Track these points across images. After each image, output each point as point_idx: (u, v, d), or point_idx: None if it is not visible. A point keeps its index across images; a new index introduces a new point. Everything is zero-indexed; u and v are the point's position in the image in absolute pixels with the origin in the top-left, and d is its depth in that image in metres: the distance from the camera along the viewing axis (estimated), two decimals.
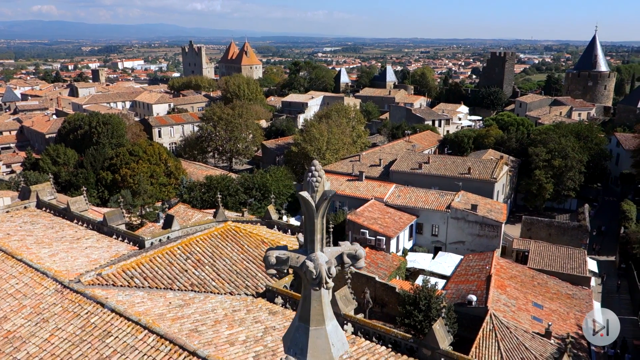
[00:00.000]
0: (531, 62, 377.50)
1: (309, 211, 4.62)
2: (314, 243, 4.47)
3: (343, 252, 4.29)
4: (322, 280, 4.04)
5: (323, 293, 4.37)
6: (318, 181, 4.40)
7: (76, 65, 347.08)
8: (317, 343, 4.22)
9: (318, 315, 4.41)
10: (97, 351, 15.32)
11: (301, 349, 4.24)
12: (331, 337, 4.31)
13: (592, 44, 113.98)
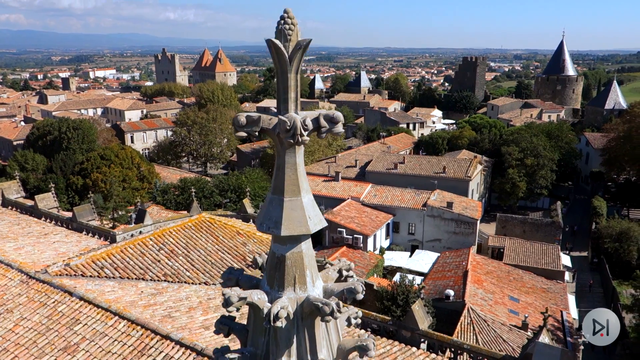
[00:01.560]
0: (501, 70, 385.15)
1: (281, 64, 4.16)
2: (288, 102, 4.09)
3: (320, 114, 3.98)
4: (296, 130, 3.71)
5: (298, 162, 4.04)
6: (291, 29, 4.03)
7: (45, 75, 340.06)
8: (292, 215, 3.90)
9: (293, 186, 4.08)
10: (64, 339, 14.64)
11: (275, 222, 3.93)
12: (307, 209, 4.01)
13: (559, 49, 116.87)
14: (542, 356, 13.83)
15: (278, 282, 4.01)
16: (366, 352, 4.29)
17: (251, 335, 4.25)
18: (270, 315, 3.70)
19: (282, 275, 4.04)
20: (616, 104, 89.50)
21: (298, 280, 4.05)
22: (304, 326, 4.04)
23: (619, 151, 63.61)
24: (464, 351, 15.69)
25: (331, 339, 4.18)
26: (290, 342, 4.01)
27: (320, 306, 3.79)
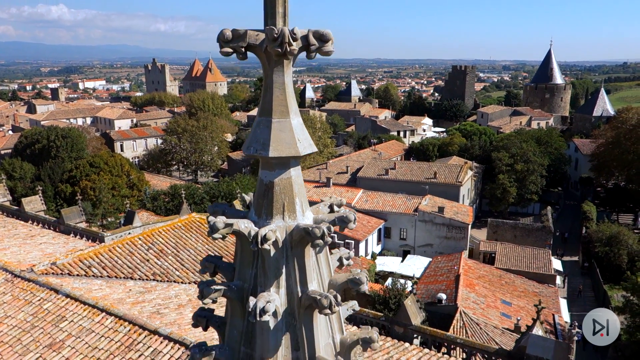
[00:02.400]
0: (490, 81, 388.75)
1: None
2: (275, 17, 3.63)
3: (309, 31, 3.81)
4: (284, 39, 3.52)
5: (287, 81, 3.85)
6: None
7: (34, 86, 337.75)
8: (280, 136, 3.72)
9: (281, 107, 3.89)
10: (49, 336, 14.27)
11: (262, 144, 3.74)
12: (297, 132, 3.83)
13: (547, 58, 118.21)
14: (536, 348, 13.69)
15: (266, 210, 3.85)
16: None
17: (238, 269, 4.08)
18: (258, 237, 3.53)
19: (271, 202, 3.88)
20: (604, 111, 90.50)
21: (287, 208, 3.89)
22: (294, 256, 3.87)
23: (607, 157, 64.16)
24: (457, 345, 15.52)
25: (322, 271, 4.02)
26: (279, 272, 3.85)
27: (310, 229, 3.63)
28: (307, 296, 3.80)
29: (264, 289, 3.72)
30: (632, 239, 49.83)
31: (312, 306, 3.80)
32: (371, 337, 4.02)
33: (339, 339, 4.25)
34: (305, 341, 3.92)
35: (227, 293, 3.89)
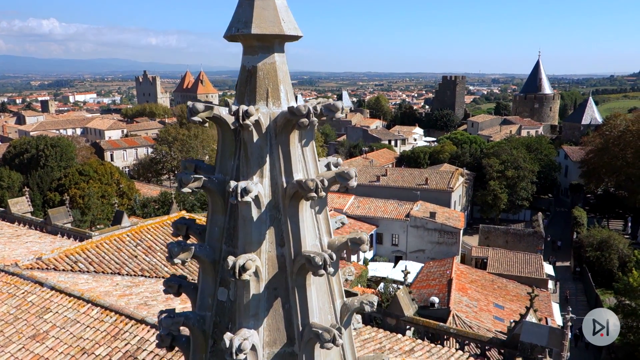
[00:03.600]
0: (480, 93, 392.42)
1: None
2: None
3: None
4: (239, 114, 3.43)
5: None
6: None
7: (24, 99, 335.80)
8: (263, 14, 3.51)
9: None
10: (33, 327, 13.90)
11: (245, 22, 3.55)
12: (281, 12, 3.61)
13: (536, 68, 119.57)
14: (530, 335, 13.53)
15: (248, 97, 3.67)
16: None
17: (219, 162, 3.90)
18: (239, 113, 3.34)
19: (254, 89, 3.71)
20: (592, 120, 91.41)
21: (271, 95, 3.72)
22: (278, 144, 3.69)
23: (597, 163, 64.59)
24: (450, 336, 15.32)
25: (307, 160, 3.84)
26: (263, 160, 3.67)
27: (295, 107, 3.45)
28: (292, 185, 3.63)
29: (247, 179, 3.55)
30: (622, 244, 50.04)
31: (298, 196, 3.64)
32: (361, 238, 3.85)
33: (327, 242, 4.08)
34: (290, 236, 3.75)
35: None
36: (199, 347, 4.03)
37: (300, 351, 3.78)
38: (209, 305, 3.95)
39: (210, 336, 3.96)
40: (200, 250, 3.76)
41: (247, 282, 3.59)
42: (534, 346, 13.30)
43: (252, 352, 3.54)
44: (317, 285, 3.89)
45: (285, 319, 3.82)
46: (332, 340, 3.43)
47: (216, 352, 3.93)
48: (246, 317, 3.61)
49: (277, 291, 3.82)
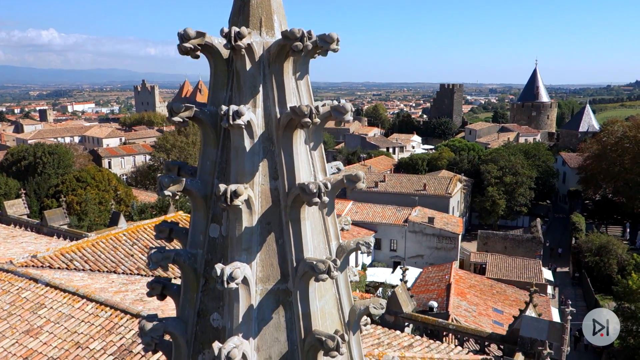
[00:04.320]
0: (477, 103, 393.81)
1: None
2: None
3: None
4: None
5: None
6: None
7: (22, 109, 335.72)
8: None
9: None
10: (27, 322, 13.73)
11: None
12: None
13: (533, 76, 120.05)
14: (530, 329, 13.38)
15: (241, 26, 3.59)
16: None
17: (211, 93, 3.81)
18: (231, 34, 3.24)
19: (247, 17, 3.61)
20: (590, 127, 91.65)
21: (264, 24, 3.63)
22: (272, 73, 3.59)
23: (594, 169, 64.67)
24: (449, 332, 15.16)
25: (301, 93, 3.72)
26: (256, 90, 3.56)
27: (289, 30, 3.36)
28: (285, 114, 3.54)
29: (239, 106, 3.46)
30: (621, 249, 49.93)
31: (292, 126, 3.55)
32: (357, 175, 3.75)
33: (322, 179, 3.98)
34: (284, 169, 3.65)
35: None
36: (190, 287, 3.94)
37: (295, 287, 3.68)
38: (200, 243, 3.86)
39: (201, 275, 3.87)
40: (191, 184, 3.67)
41: (240, 213, 3.50)
42: (533, 340, 13.16)
43: (245, 285, 3.45)
44: (312, 221, 3.81)
45: (279, 255, 3.72)
46: (327, 271, 3.33)
47: (208, 291, 3.84)
48: (238, 251, 3.51)
49: (270, 226, 3.72)
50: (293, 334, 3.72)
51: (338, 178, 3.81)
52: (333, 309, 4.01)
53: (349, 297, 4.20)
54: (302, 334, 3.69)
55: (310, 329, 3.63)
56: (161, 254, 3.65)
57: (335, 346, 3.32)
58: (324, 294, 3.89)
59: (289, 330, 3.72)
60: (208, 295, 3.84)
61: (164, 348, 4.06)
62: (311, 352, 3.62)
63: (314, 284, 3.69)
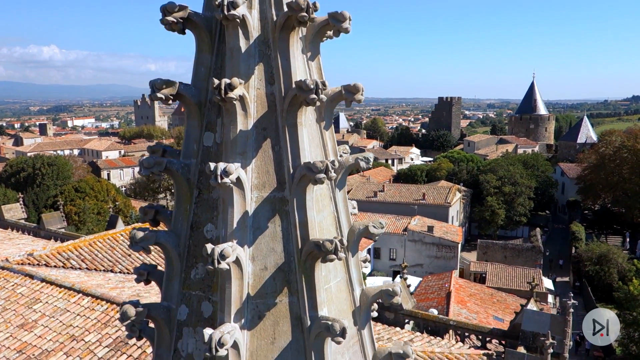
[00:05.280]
0: (475, 117, 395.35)
1: None
2: None
3: None
4: None
5: None
6: None
7: (22, 124, 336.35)
8: None
9: None
10: (21, 317, 13.55)
11: None
12: None
13: (531, 89, 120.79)
14: (532, 323, 13.21)
15: None
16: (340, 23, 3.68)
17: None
18: None
19: None
20: (588, 138, 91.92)
21: None
22: None
23: (593, 179, 64.66)
24: (450, 328, 14.96)
25: None
26: None
27: None
28: (282, 15, 3.47)
29: None
30: (621, 258, 49.69)
31: (288, 27, 3.47)
32: (355, 86, 3.65)
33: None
34: (280, 72, 3.57)
35: None
36: (183, 198, 3.85)
37: (291, 195, 3.60)
38: (194, 152, 3.78)
39: (195, 186, 3.77)
40: (185, 89, 3.60)
41: (234, 113, 3.41)
42: (535, 334, 12.98)
43: (239, 189, 3.35)
44: (309, 131, 3.73)
45: (275, 162, 3.64)
46: (325, 171, 3.25)
47: (201, 202, 3.75)
48: (233, 155, 3.42)
49: (266, 132, 3.64)
50: (290, 245, 3.64)
51: (336, 90, 3.76)
52: (331, 227, 3.93)
53: (347, 217, 4.12)
54: (299, 243, 3.60)
55: (307, 239, 3.54)
56: (154, 158, 3.56)
57: (333, 249, 3.22)
58: (322, 209, 3.81)
59: (286, 240, 3.64)
60: (202, 206, 3.75)
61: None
62: (309, 262, 3.53)
63: (312, 192, 3.61)
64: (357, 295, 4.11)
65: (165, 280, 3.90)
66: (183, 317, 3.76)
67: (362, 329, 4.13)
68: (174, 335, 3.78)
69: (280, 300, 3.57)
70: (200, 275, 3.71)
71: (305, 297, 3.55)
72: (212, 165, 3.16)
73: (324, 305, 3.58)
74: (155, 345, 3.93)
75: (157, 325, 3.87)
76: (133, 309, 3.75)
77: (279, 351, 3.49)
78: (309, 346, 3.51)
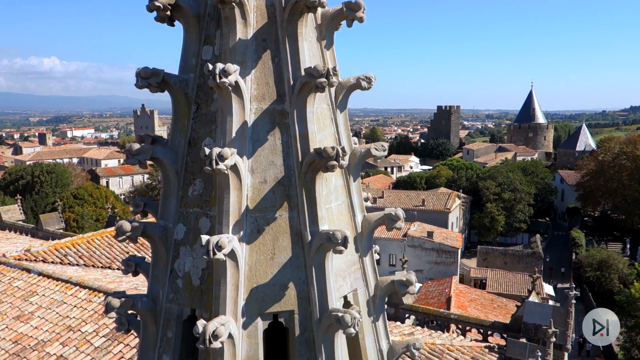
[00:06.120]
0: (474, 128, 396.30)
1: None
2: None
3: None
4: None
5: None
6: None
7: (22, 134, 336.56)
8: None
9: None
10: (18, 309, 13.40)
11: None
12: None
13: (529, 98, 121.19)
14: (533, 315, 13.08)
15: None
16: None
17: None
18: None
19: None
20: (587, 146, 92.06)
21: None
22: None
23: (593, 186, 64.65)
24: (451, 322, 14.81)
25: None
26: None
27: None
28: None
29: None
30: (622, 263, 49.52)
31: None
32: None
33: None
34: None
35: None
36: (180, 114, 3.76)
37: (291, 107, 3.52)
38: (192, 66, 3.70)
39: (193, 100, 3.70)
40: (183, 0, 3.54)
41: (233, 21, 3.34)
42: (537, 326, 12.84)
43: (238, 97, 3.26)
44: (310, 45, 3.64)
45: (275, 74, 3.55)
46: (326, 76, 3.17)
47: (200, 117, 3.66)
48: (232, 63, 3.35)
49: (266, 43, 3.56)
50: (290, 159, 3.56)
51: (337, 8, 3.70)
52: None
53: (348, 140, 4.05)
54: (300, 156, 3.53)
55: (308, 151, 3.46)
56: (150, 70, 3.48)
57: (334, 154, 3.14)
58: (323, 128, 3.74)
59: (286, 154, 3.56)
60: (200, 121, 3.67)
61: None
62: (309, 174, 3.45)
63: (312, 104, 3.54)
64: (359, 221, 4.04)
65: (162, 199, 3.83)
66: (180, 236, 3.69)
67: (364, 256, 4.05)
68: (170, 255, 3.71)
69: (280, 215, 3.50)
70: (198, 191, 3.63)
71: (306, 211, 3.47)
72: (210, 65, 3.09)
73: (325, 221, 3.50)
74: (152, 266, 3.86)
75: (153, 244, 3.80)
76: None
77: (278, 267, 3.41)
78: (309, 262, 3.43)
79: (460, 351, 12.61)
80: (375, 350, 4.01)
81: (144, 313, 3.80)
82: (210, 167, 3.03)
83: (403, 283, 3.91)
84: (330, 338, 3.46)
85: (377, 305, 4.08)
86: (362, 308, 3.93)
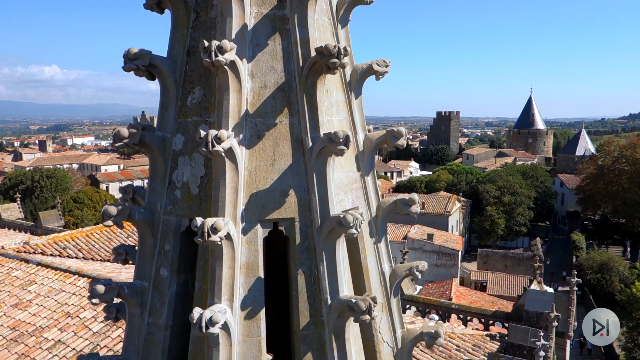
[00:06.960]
0: (473, 135, 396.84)
1: None
2: None
3: None
4: None
5: None
6: None
7: (22, 142, 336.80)
8: None
9: None
10: (16, 297, 13.34)
11: None
12: None
13: (528, 104, 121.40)
14: (535, 303, 13.00)
15: None
16: None
17: None
18: None
19: None
20: (586, 151, 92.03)
21: None
22: None
23: (592, 189, 64.60)
24: (452, 312, 14.73)
25: None
26: None
27: None
28: None
29: None
30: (622, 266, 49.38)
31: None
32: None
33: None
34: None
35: None
36: (180, 22, 3.73)
37: (292, 12, 3.48)
38: None
39: (192, 9, 3.67)
40: None
41: None
42: (539, 314, 12.76)
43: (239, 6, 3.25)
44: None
45: None
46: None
47: (199, 25, 3.62)
48: None
49: None
50: (290, 65, 3.53)
51: None
52: None
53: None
54: (300, 61, 3.50)
55: (308, 56, 3.42)
56: None
57: (336, 52, 3.10)
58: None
59: (286, 60, 3.53)
60: (199, 29, 3.64)
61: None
62: (310, 78, 3.36)
63: (314, 7, 3.50)
64: (360, 140, 4.01)
65: (160, 110, 3.79)
66: (179, 146, 3.66)
67: (366, 175, 4.02)
68: (168, 166, 3.68)
69: (281, 121, 3.47)
70: (197, 99, 3.61)
71: (307, 118, 3.45)
72: None
73: (326, 128, 3.47)
74: (150, 177, 3.83)
75: (151, 155, 3.77)
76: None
77: (278, 173, 3.38)
78: (310, 169, 3.40)
79: (461, 339, 12.52)
80: (377, 272, 4.00)
81: (141, 225, 3.79)
82: (209, 60, 3.00)
83: (406, 202, 3.89)
84: (331, 245, 3.43)
85: (379, 226, 4.07)
86: (364, 228, 3.91)
